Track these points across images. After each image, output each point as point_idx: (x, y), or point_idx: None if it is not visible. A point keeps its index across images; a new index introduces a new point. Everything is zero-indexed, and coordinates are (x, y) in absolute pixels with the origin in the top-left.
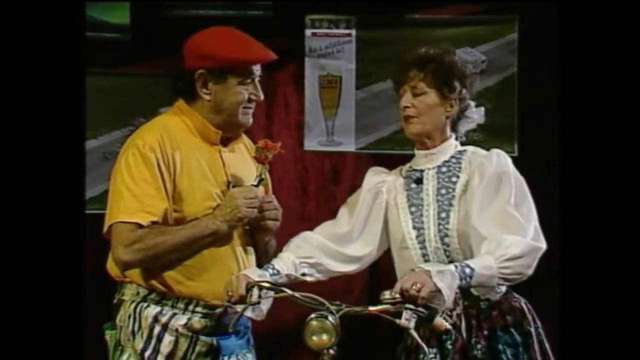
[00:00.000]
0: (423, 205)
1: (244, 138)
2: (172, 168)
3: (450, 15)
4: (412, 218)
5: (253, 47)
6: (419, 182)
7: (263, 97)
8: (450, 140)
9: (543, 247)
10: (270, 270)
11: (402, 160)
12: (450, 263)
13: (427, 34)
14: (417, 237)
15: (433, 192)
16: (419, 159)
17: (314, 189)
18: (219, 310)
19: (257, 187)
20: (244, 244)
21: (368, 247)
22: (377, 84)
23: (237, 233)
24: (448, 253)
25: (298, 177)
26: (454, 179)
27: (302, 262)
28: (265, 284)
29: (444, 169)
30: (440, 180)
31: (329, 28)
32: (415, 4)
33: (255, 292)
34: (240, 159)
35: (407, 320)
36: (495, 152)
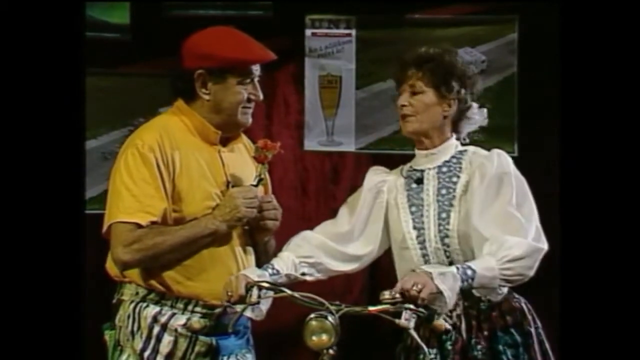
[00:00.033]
0: (423, 206)
1: (244, 138)
2: (171, 168)
3: (450, 15)
4: (412, 218)
5: (252, 47)
6: (420, 182)
7: (262, 97)
8: (451, 141)
9: (545, 248)
10: (270, 270)
11: (402, 160)
12: (451, 263)
13: (427, 34)
14: (417, 237)
15: (433, 192)
16: (420, 159)
17: (314, 189)
18: (218, 310)
19: (256, 187)
20: (244, 244)
21: (369, 246)
22: (377, 84)
23: (236, 233)
24: (448, 253)
25: (298, 177)
26: (455, 179)
27: (301, 261)
28: (265, 284)
29: (445, 169)
30: (441, 181)
31: (329, 28)
32: (415, 4)
33: (255, 292)
34: (240, 159)
35: (406, 321)
36: (496, 152)
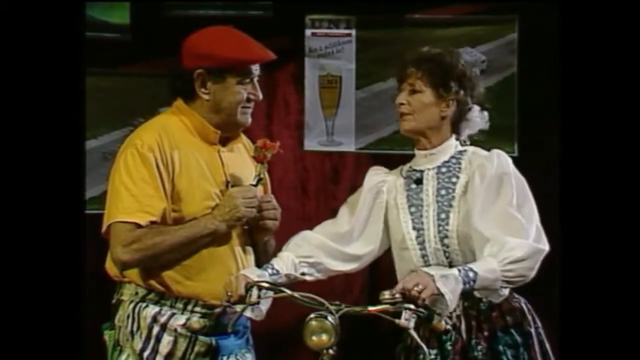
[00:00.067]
0: (423, 206)
1: (243, 138)
2: (170, 168)
3: (450, 15)
4: (412, 219)
5: (252, 46)
6: (419, 182)
7: (262, 96)
8: (450, 141)
9: (546, 249)
10: (270, 270)
11: (402, 160)
12: (450, 264)
13: (427, 34)
14: (416, 237)
15: (433, 192)
16: (419, 159)
17: (314, 189)
18: (218, 310)
19: (256, 186)
20: (243, 244)
21: (369, 246)
22: (377, 84)
23: (236, 233)
24: (448, 254)
25: (298, 177)
26: (454, 180)
27: (301, 261)
28: (265, 284)
29: (444, 170)
30: (440, 181)
31: (329, 28)
32: (415, 4)
33: (255, 292)
34: (239, 159)
35: (406, 321)
36: (496, 152)
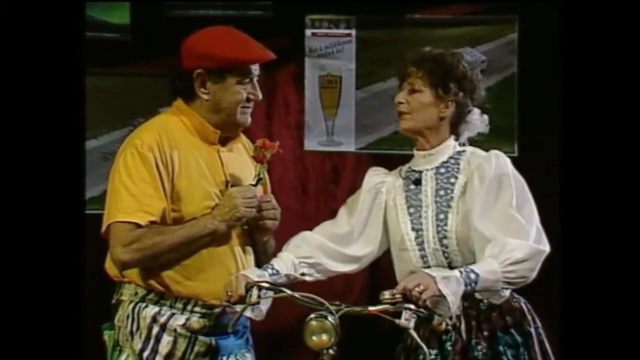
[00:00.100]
0: (422, 207)
1: (242, 138)
2: (170, 167)
3: (450, 15)
4: (410, 219)
5: (251, 46)
6: (418, 183)
7: (261, 96)
8: (448, 142)
9: (546, 249)
10: (270, 270)
11: (402, 161)
12: (449, 264)
13: (427, 34)
14: (415, 238)
15: (432, 193)
16: (418, 160)
17: (314, 189)
18: (218, 310)
19: (255, 186)
20: (243, 244)
21: (368, 247)
22: (377, 84)
23: (235, 233)
24: (447, 254)
25: (298, 177)
26: (453, 180)
27: (301, 261)
28: (265, 284)
29: (443, 170)
30: (439, 182)
31: (329, 28)
32: (415, 4)
33: (255, 292)
34: (239, 159)
35: (406, 321)
36: (494, 153)
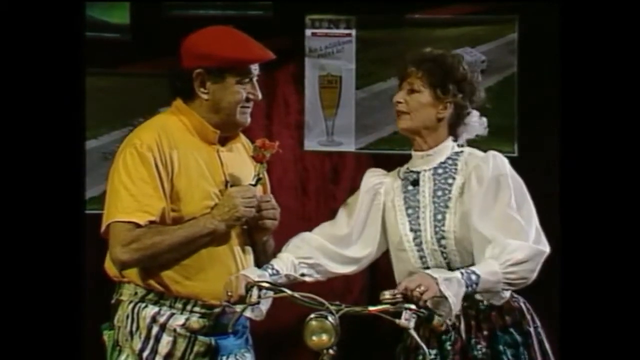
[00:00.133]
0: (419, 208)
1: (242, 137)
2: (169, 167)
3: (450, 15)
4: (409, 220)
5: (251, 46)
6: (416, 184)
7: (261, 96)
8: (446, 142)
9: (546, 250)
10: (270, 271)
11: (401, 161)
12: (448, 264)
13: (427, 34)
14: (414, 239)
15: (429, 194)
16: (416, 160)
17: (314, 189)
18: (217, 310)
19: (255, 186)
20: (242, 244)
21: (367, 248)
22: (377, 84)
23: (235, 232)
24: (445, 255)
25: (298, 177)
26: (450, 181)
27: (301, 262)
28: (265, 284)
29: (440, 171)
30: (437, 182)
31: (329, 28)
32: (415, 4)
33: (255, 292)
34: (238, 159)
35: (406, 320)
36: (492, 154)
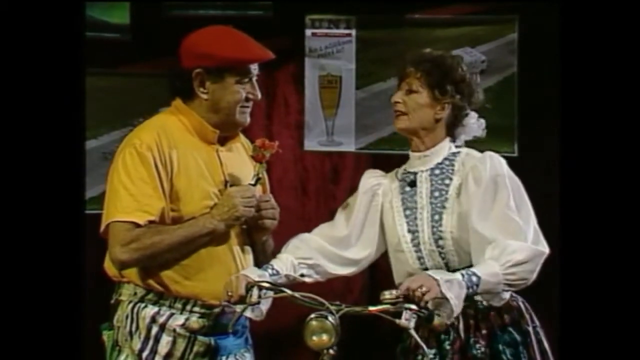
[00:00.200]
0: (417, 208)
1: (242, 137)
2: (169, 167)
3: (450, 15)
4: (406, 221)
5: (250, 46)
6: (413, 184)
7: (260, 96)
8: (443, 143)
9: (546, 251)
10: (270, 271)
11: (401, 161)
12: (446, 265)
13: (427, 34)
14: (412, 240)
15: (427, 194)
16: (413, 161)
17: (314, 189)
18: (217, 310)
19: (254, 186)
20: (242, 243)
21: (366, 250)
22: (377, 84)
23: (234, 232)
24: (443, 255)
25: (298, 177)
26: (447, 182)
27: (300, 263)
28: (265, 284)
29: (437, 171)
30: (434, 183)
31: (329, 28)
32: (415, 4)
33: (255, 292)
34: (238, 158)
35: (407, 321)
36: (488, 155)
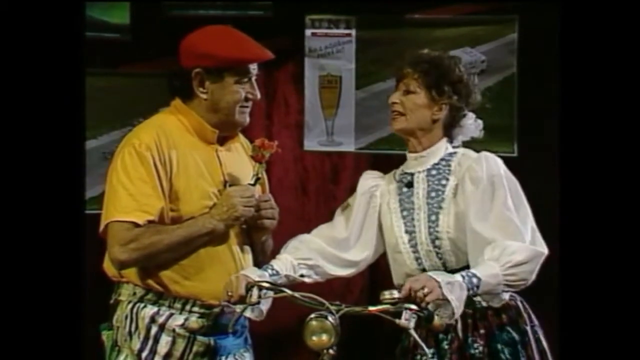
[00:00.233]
0: (414, 209)
1: (241, 137)
2: (168, 167)
3: (450, 15)
4: (404, 222)
5: (250, 45)
6: (410, 185)
7: (259, 96)
8: (440, 143)
9: (545, 251)
10: (270, 271)
11: (401, 161)
12: (444, 265)
13: (427, 34)
14: (409, 241)
15: (423, 195)
16: (410, 162)
17: (314, 189)
18: (216, 310)
19: (254, 186)
20: (241, 243)
21: (365, 251)
22: (377, 84)
23: (234, 232)
24: (440, 255)
25: (298, 177)
26: (444, 182)
27: (300, 263)
28: (265, 284)
29: (434, 172)
30: (430, 183)
31: (329, 28)
32: (415, 4)
33: (255, 292)
34: (237, 158)
35: (406, 320)
36: (484, 155)
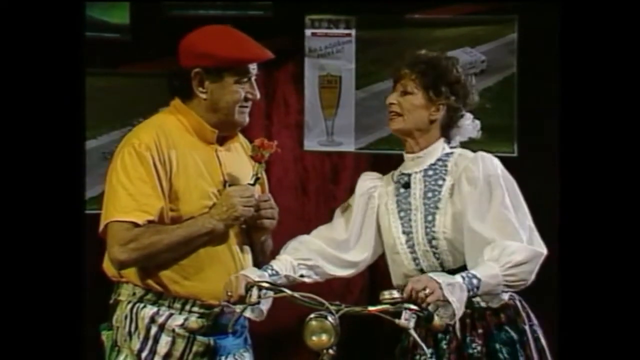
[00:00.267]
0: (411, 210)
1: (240, 137)
2: (168, 167)
3: (450, 15)
4: (401, 223)
5: (249, 45)
6: (407, 186)
7: (259, 95)
8: (437, 144)
9: (544, 251)
10: (269, 271)
11: (401, 161)
12: (441, 265)
13: (427, 34)
14: (406, 241)
15: (420, 195)
16: (407, 163)
17: (314, 189)
18: (216, 310)
19: (253, 186)
20: (241, 243)
21: (364, 252)
22: (377, 84)
23: (233, 232)
24: (437, 255)
25: (298, 177)
26: (440, 182)
27: (300, 263)
28: (265, 284)
29: (431, 172)
30: (427, 184)
31: (329, 28)
32: (415, 4)
33: (255, 292)
34: (237, 158)
35: (406, 320)
36: (480, 155)
